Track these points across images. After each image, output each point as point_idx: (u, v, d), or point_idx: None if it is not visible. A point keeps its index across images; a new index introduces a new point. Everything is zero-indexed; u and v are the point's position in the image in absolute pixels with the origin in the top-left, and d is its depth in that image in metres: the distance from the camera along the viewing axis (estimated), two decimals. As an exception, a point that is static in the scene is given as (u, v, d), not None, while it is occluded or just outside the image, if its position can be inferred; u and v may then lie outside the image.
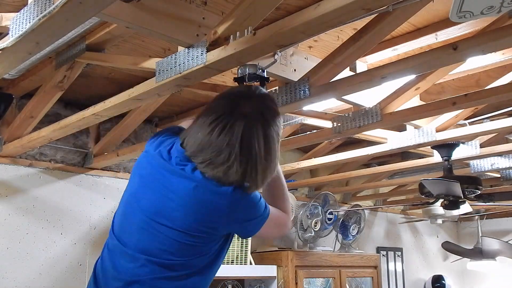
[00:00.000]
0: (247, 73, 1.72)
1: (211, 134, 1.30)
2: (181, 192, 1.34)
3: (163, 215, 1.35)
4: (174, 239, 1.34)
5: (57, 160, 3.18)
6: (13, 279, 2.86)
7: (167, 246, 1.35)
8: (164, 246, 1.35)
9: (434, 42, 2.20)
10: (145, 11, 1.68)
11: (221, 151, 1.29)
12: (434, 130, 2.71)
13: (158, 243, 1.36)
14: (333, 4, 1.32)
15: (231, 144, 1.29)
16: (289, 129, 3.29)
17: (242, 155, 1.29)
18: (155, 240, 1.36)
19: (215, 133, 1.30)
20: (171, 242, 1.35)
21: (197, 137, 1.34)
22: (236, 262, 3.59)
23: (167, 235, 1.35)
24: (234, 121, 1.31)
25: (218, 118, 1.32)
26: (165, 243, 1.35)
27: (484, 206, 4.52)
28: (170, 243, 1.35)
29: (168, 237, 1.35)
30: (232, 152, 1.29)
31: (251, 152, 1.30)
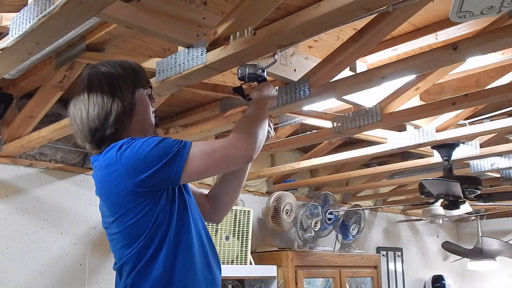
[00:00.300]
0: (247, 73, 1.72)
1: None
2: (96, 188, 1.39)
3: (105, 221, 1.40)
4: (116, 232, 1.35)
5: (57, 160, 3.17)
6: (13, 279, 2.86)
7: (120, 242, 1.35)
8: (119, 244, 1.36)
9: (434, 42, 2.20)
10: (145, 11, 1.68)
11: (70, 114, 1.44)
12: (434, 130, 2.71)
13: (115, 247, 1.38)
14: (333, 4, 1.33)
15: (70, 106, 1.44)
16: (289, 129, 3.29)
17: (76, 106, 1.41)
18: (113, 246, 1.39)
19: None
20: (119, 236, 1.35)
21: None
22: (236, 262, 3.59)
23: (113, 233, 1.37)
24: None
25: None
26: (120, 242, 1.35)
27: (484, 206, 4.52)
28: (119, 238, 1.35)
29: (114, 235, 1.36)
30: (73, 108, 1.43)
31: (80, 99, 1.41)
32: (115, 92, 1.39)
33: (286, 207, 3.95)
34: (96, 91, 1.39)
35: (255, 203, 4.02)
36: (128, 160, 1.28)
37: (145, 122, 1.46)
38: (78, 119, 1.40)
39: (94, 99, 1.38)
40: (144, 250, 1.30)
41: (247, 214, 3.70)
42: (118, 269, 1.37)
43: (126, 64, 1.48)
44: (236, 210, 3.63)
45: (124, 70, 1.44)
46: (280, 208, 3.90)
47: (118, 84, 1.40)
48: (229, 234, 3.57)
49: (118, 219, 1.33)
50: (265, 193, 4.24)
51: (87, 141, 1.41)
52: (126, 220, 1.31)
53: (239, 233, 3.64)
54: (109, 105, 1.37)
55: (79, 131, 1.41)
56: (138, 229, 1.30)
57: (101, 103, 1.37)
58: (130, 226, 1.31)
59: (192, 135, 2.78)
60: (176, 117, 3.35)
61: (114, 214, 1.33)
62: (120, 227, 1.33)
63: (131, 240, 1.31)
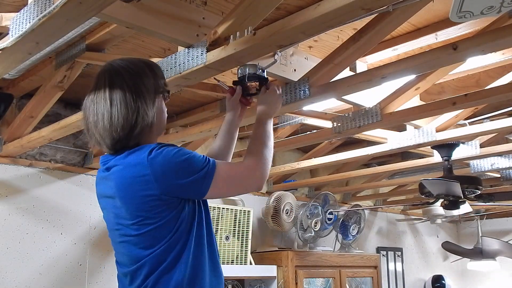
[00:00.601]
0: (247, 73, 1.72)
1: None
2: (114, 190, 1.36)
3: (119, 223, 1.38)
4: (139, 237, 1.34)
5: (57, 160, 3.18)
6: (13, 279, 2.86)
7: (139, 247, 1.34)
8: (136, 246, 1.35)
9: (434, 42, 2.20)
10: (145, 11, 1.68)
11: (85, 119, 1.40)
12: (434, 130, 2.71)
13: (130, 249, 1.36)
14: (333, 4, 1.32)
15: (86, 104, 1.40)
16: (289, 129, 3.29)
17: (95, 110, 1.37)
18: (127, 249, 1.37)
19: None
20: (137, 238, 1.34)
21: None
22: (236, 262, 3.59)
23: (129, 235, 1.35)
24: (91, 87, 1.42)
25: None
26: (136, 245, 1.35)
27: (484, 206, 4.52)
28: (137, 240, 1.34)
29: (130, 237, 1.35)
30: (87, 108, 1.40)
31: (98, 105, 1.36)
32: (140, 103, 1.36)
33: (286, 207, 3.95)
34: (119, 96, 1.35)
35: (255, 203, 4.02)
36: (160, 168, 1.29)
37: (161, 126, 1.47)
38: (99, 123, 1.35)
39: (118, 108, 1.34)
40: (164, 255, 1.32)
41: (247, 214, 3.70)
42: (132, 272, 1.35)
43: (144, 63, 1.45)
44: (236, 210, 3.64)
45: (144, 73, 1.41)
46: (280, 208, 3.90)
47: (142, 92, 1.37)
48: (229, 234, 3.57)
49: (139, 222, 1.32)
50: (265, 193, 4.24)
51: (104, 145, 1.38)
52: (148, 223, 1.32)
53: (239, 233, 3.64)
54: (134, 118, 1.34)
55: (96, 134, 1.37)
56: (160, 233, 1.32)
57: (126, 114, 1.33)
58: (153, 229, 1.32)
59: (192, 135, 2.78)
60: (176, 117, 3.35)
61: (135, 217, 1.33)
62: (140, 230, 1.33)
63: (152, 242, 1.32)
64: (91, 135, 1.39)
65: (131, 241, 1.35)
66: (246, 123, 2.46)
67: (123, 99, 1.34)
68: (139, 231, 1.33)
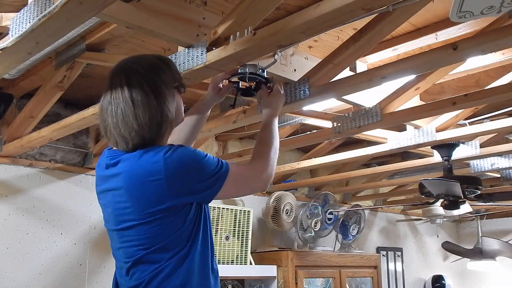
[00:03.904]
0: (247, 73, 1.72)
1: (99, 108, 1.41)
2: (121, 187, 1.35)
3: (122, 218, 1.36)
4: (139, 234, 1.34)
5: (57, 160, 3.18)
6: (13, 279, 2.86)
7: (138, 243, 1.34)
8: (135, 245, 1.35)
9: (434, 42, 2.20)
10: (145, 11, 1.68)
11: (101, 114, 1.37)
12: (434, 130, 2.71)
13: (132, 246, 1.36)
14: (333, 4, 1.32)
15: (104, 104, 1.37)
16: (289, 129, 3.29)
17: (112, 108, 1.34)
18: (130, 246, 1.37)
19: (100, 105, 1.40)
20: (139, 238, 1.34)
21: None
22: (236, 262, 3.59)
23: (133, 234, 1.35)
24: (107, 86, 1.38)
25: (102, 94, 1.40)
26: (135, 241, 1.35)
27: (484, 206, 4.52)
28: (139, 240, 1.34)
29: (134, 235, 1.34)
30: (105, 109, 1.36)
31: (118, 102, 1.33)
32: (162, 100, 1.35)
33: (286, 207, 3.95)
34: (140, 95, 1.33)
35: (255, 203, 4.02)
36: (175, 170, 1.29)
37: (179, 120, 1.47)
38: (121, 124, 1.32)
39: (141, 108, 1.32)
40: (167, 256, 1.32)
41: (247, 214, 3.70)
42: (130, 267, 1.36)
43: (159, 59, 1.44)
44: (236, 210, 3.64)
45: (160, 69, 1.40)
46: (280, 208, 3.90)
47: (161, 89, 1.36)
48: (229, 234, 3.57)
49: (143, 224, 1.32)
50: (265, 193, 4.24)
51: (124, 144, 1.35)
52: (154, 225, 1.32)
53: (239, 233, 3.64)
54: (159, 116, 1.34)
55: (117, 135, 1.34)
56: (164, 234, 1.32)
57: (150, 114, 1.32)
58: (157, 231, 1.32)
59: (192, 135, 2.77)
60: (176, 117, 3.34)
61: (141, 215, 1.32)
62: (144, 228, 1.33)
63: (154, 242, 1.32)
64: (110, 135, 1.37)
65: (132, 238, 1.35)
66: (246, 123, 2.46)
67: (145, 98, 1.33)
68: (142, 230, 1.33)
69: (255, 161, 1.49)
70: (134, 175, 1.32)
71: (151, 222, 1.31)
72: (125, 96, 1.33)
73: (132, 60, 1.42)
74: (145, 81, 1.35)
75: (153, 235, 1.32)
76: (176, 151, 1.31)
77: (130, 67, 1.39)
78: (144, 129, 1.32)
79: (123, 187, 1.34)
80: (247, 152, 3.38)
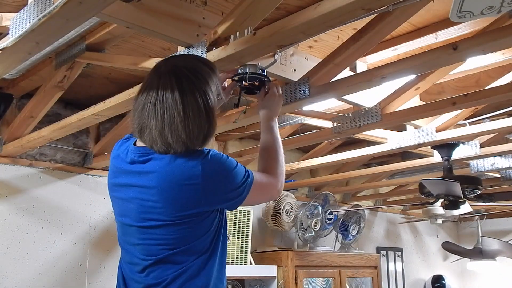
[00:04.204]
0: (247, 72, 1.72)
1: (136, 100, 1.36)
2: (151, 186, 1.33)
3: (148, 218, 1.35)
4: (166, 234, 1.34)
5: (57, 160, 3.18)
6: (13, 279, 2.86)
7: (163, 242, 1.34)
8: (160, 244, 1.35)
9: (434, 42, 2.20)
10: (145, 11, 1.68)
11: (141, 111, 1.33)
12: (434, 130, 2.71)
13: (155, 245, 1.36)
14: (333, 4, 1.32)
15: (146, 102, 1.32)
16: (289, 129, 3.29)
17: (157, 110, 1.30)
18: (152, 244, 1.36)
19: (138, 97, 1.36)
20: (165, 238, 1.34)
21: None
22: (236, 262, 3.59)
23: (159, 233, 1.35)
24: (152, 81, 1.35)
25: (142, 86, 1.38)
26: (159, 240, 1.35)
27: (484, 206, 4.52)
28: (165, 239, 1.34)
29: (160, 234, 1.34)
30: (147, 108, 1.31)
31: (166, 105, 1.29)
32: (211, 113, 1.34)
33: (286, 207, 3.95)
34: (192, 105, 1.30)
35: (255, 203, 4.02)
36: (211, 175, 1.31)
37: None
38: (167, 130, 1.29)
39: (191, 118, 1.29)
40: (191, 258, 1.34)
41: (247, 214, 3.70)
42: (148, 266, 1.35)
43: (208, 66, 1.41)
44: (236, 210, 3.63)
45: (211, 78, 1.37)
46: (280, 208, 3.90)
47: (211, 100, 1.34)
48: (229, 234, 3.57)
49: (172, 225, 1.33)
50: (265, 193, 4.24)
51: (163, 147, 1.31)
52: (183, 227, 1.33)
53: (239, 233, 3.64)
54: (206, 128, 1.33)
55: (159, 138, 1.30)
56: (192, 237, 1.34)
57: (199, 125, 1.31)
58: (185, 234, 1.33)
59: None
60: (176, 117, 3.34)
61: (171, 220, 1.32)
62: (170, 232, 1.33)
63: (179, 245, 1.34)
64: (148, 135, 1.32)
65: (157, 237, 1.35)
66: (246, 123, 2.46)
67: (197, 110, 1.31)
68: (170, 230, 1.33)
69: (270, 169, 1.51)
70: (170, 177, 1.31)
71: (180, 224, 1.32)
72: (176, 103, 1.29)
73: (184, 63, 1.38)
74: (197, 90, 1.32)
75: (180, 236, 1.33)
76: (212, 157, 1.33)
77: (181, 72, 1.34)
78: (192, 140, 1.32)
79: (157, 187, 1.32)
80: (247, 152, 3.38)
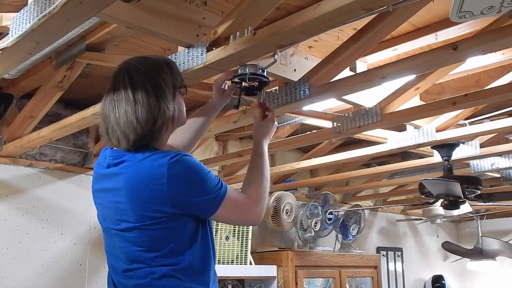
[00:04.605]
0: (247, 73, 1.72)
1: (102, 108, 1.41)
2: (121, 188, 1.34)
3: (121, 219, 1.36)
4: (140, 236, 1.34)
5: (57, 160, 3.18)
6: (13, 279, 2.86)
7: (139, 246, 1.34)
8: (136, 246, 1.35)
9: (434, 42, 2.20)
10: (145, 11, 1.68)
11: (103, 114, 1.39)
12: (434, 130, 2.71)
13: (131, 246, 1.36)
14: (333, 4, 1.32)
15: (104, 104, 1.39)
16: (289, 129, 3.29)
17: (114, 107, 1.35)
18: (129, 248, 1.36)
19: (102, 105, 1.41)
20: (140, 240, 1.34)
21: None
22: (236, 262, 3.59)
23: (133, 236, 1.34)
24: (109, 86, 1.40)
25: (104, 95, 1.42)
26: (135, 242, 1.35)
27: (484, 206, 4.52)
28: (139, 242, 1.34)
29: (135, 237, 1.34)
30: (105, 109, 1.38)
31: (118, 101, 1.35)
32: (161, 98, 1.36)
33: (286, 207, 3.95)
34: (141, 93, 1.35)
35: (255, 203, 4.01)
36: (177, 179, 1.29)
37: (181, 120, 1.48)
38: (121, 120, 1.34)
39: (140, 104, 1.33)
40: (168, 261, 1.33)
41: (247, 214, 3.70)
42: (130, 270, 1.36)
43: (161, 60, 1.45)
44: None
45: (162, 70, 1.41)
46: (280, 208, 3.90)
47: (162, 88, 1.37)
48: (229, 234, 3.57)
49: (143, 228, 1.32)
50: (265, 193, 4.24)
51: (125, 142, 1.35)
52: (151, 228, 1.32)
53: (239, 233, 3.64)
54: (156, 112, 1.34)
55: (119, 131, 1.35)
56: (164, 241, 1.33)
57: (148, 110, 1.34)
58: (156, 236, 1.33)
59: (192, 135, 2.77)
60: (176, 117, 3.34)
61: (140, 221, 1.32)
62: (143, 235, 1.33)
63: (153, 247, 1.33)
64: (112, 133, 1.37)
65: (132, 239, 1.35)
66: (246, 123, 2.46)
67: (145, 95, 1.34)
68: (142, 232, 1.33)
69: (250, 191, 1.46)
70: (136, 177, 1.32)
71: (149, 226, 1.32)
72: (127, 93, 1.35)
73: (135, 60, 1.44)
74: (147, 80, 1.37)
75: (153, 239, 1.33)
76: (181, 159, 1.31)
77: (133, 66, 1.40)
78: (141, 124, 1.33)
79: (124, 188, 1.34)
80: (247, 152, 3.38)
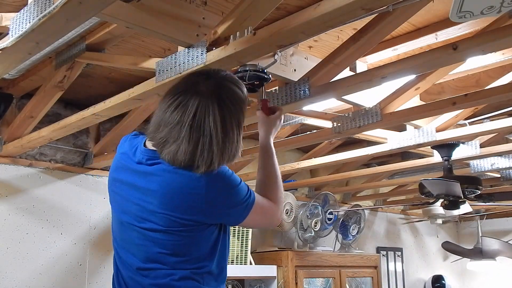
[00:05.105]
0: (248, 70, 1.72)
1: (166, 112, 1.31)
2: (154, 190, 1.34)
3: (146, 218, 1.36)
4: (164, 239, 1.34)
5: (57, 160, 3.17)
6: (13, 279, 2.86)
7: (162, 247, 1.35)
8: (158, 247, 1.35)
9: (434, 42, 2.20)
10: (145, 11, 1.68)
11: (173, 128, 1.28)
12: (434, 130, 2.71)
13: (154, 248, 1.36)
14: (333, 4, 1.32)
15: (182, 121, 1.28)
16: (289, 129, 3.29)
17: (193, 132, 1.27)
18: (150, 248, 1.36)
19: (169, 110, 1.30)
20: (163, 243, 1.34)
21: (155, 117, 1.35)
22: (236, 262, 3.59)
23: (158, 237, 1.35)
24: (189, 99, 1.30)
25: (174, 96, 1.32)
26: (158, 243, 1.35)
27: (484, 206, 4.52)
28: (163, 244, 1.34)
29: (159, 238, 1.34)
30: (182, 128, 1.27)
31: (204, 130, 1.28)
32: (239, 145, 1.37)
33: (286, 207, 3.95)
34: (229, 128, 1.31)
35: (255, 203, 4.01)
36: (214, 191, 1.31)
37: None
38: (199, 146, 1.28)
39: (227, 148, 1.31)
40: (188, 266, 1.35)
41: (247, 214, 3.70)
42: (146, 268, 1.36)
43: (244, 94, 1.41)
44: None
45: (245, 110, 1.40)
46: (280, 208, 3.90)
47: (240, 131, 1.38)
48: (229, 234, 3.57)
49: (170, 232, 1.33)
50: (265, 193, 4.23)
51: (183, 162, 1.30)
52: (179, 236, 1.33)
53: (239, 233, 3.64)
54: (232, 157, 1.34)
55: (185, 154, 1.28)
56: (188, 246, 1.35)
57: (228, 154, 1.32)
58: (181, 241, 1.34)
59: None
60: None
61: (167, 226, 1.33)
62: (169, 238, 1.34)
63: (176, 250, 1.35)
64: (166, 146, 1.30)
65: (156, 240, 1.35)
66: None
67: (232, 138, 1.32)
68: (168, 236, 1.33)
69: (272, 196, 1.50)
70: (173, 184, 1.32)
71: (176, 231, 1.33)
72: (216, 131, 1.29)
73: (226, 89, 1.36)
74: (235, 121, 1.34)
75: (177, 244, 1.34)
76: (219, 170, 1.32)
77: (223, 98, 1.33)
78: (218, 165, 1.32)
79: (158, 191, 1.33)
80: (247, 152, 3.38)
